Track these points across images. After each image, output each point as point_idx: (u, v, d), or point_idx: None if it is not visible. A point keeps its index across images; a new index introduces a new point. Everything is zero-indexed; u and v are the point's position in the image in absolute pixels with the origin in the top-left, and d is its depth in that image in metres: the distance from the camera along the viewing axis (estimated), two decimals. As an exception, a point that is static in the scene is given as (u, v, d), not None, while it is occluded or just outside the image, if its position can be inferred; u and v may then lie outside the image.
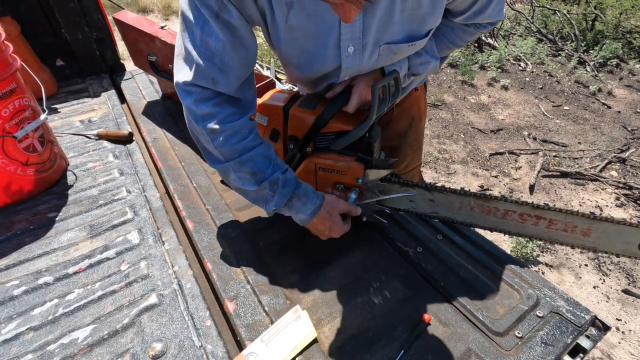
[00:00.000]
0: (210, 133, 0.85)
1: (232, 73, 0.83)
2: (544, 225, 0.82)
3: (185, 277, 0.95)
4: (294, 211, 0.93)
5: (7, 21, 1.66)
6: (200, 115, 0.84)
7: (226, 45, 0.79)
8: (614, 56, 4.90)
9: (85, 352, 0.79)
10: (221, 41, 0.79)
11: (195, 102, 0.83)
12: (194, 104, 0.84)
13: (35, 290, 0.93)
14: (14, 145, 1.16)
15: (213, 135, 0.85)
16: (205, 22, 0.77)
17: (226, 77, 0.82)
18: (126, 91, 1.90)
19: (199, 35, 0.78)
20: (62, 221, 1.14)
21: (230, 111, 0.85)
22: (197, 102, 0.84)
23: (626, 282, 2.28)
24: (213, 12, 0.76)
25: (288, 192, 0.90)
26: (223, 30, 0.78)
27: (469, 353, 0.76)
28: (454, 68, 4.85)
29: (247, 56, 0.84)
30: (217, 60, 0.80)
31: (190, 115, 0.86)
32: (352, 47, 0.86)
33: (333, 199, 0.96)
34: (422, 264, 0.95)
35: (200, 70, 0.81)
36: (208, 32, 0.78)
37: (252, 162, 0.87)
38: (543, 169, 3.16)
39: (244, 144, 0.86)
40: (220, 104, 0.85)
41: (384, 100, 0.91)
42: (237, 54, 0.82)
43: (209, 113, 0.84)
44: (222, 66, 0.81)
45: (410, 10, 0.83)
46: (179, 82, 0.84)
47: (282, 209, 0.93)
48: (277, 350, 0.76)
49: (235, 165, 0.88)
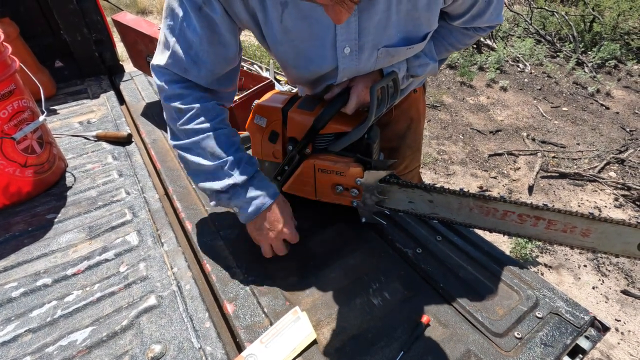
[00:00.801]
0: (177, 112, 0.88)
1: (204, 67, 0.85)
2: (543, 225, 0.82)
3: (185, 278, 0.95)
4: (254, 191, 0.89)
5: (6, 22, 1.66)
6: (170, 94, 0.88)
7: (203, 39, 0.81)
8: (612, 57, 4.91)
9: (84, 354, 0.79)
10: (198, 35, 0.81)
11: (166, 82, 0.87)
12: (165, 83, 0.87)
13: (34, 292, 0.93)
14: (13, 147, 1.16)
15: (179, 113, 0.88)
16: (186, 13, 0.79)
17: (198, 69, 0.85)
18: (125, 92, 1.90)
19: (178, 25, 0.81)
20: (61, 223, 1.14)
21: (199, 95, 0.88)
22: (168, 82, 0.87)
23: (625, 283, 2.28)
24: (196, 5, 0.78)
25: (252, 170, 0.90)
26: (202, 24, 0.80)
27: (468, 354, 0.76)
28: (452, 69, 4.86)
29: (225, 54, 0.86)
30: (192, 53, 0.83)
31: (161, 92, 0.89)
32: (349, 48, 0.86)
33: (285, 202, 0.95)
34: (421, 265, 0.95)
35: (175, 59, 0.84)
36: (187, 23, 0.80)
37: (214, 140, 0.87)
38: (542, 169, 3.17)
39: (208, 125, 0.88)
40: (190, 87, 0.88)
41: (383, 102, 0.92)
42: (213, 50, 0.84)
43: (178, 94, 0.87)
44: (196, 59, 0.84)
45: (405, 12, 0.83)
46: (154, 64, 0.88)
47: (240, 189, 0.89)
48: (276, 351, 0.76)
49: (193, 143, 0.88)
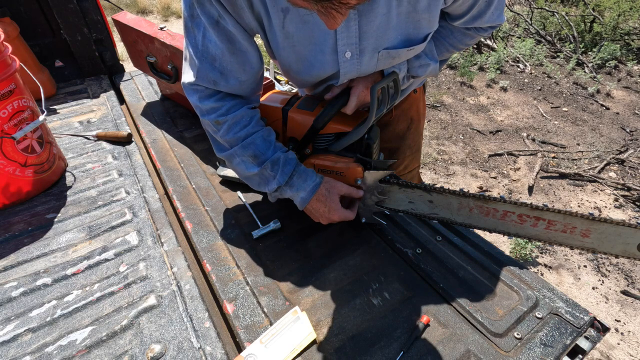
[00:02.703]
0: (215, 124, 0.94)
1: (231, 76, 0.89)
2: (543, 226, 0.82)
3: (184, 278, 0.95)
4: (294, 189, 0.95)
5: (6, 22, 1.66)
6: (205, 109, 0.93)
7: (224, 51, 0.85)
8: (612, 58, 4.91)
9: (83, 354, 0.79)
10: (219, 48, 0.85)
11: (199, 99, 0.92)
12: (198, 100, 0.92)
13: (34, 292, 0.93)
14: (13, 146, 1.16)
15: (217, 125, 0.94)
16: (205, 29, 0.83)
17: (226, 80, 0.89)
18: (125, 92, 1.90)
19: (200, 41, 0.85)
20: (61, 222, 1.14)
21: (231, 104, 0.93)
22: (201, 99, 0.92)
23: (625, 283, 2.28)
24: (213, 20, 0.81)
25: (289, 169, 0.94)
26: (221, 38, 0.84)
27: (468, 354, 0.76)
28: (452, 69, 4.86)
29: (247, 61, 0.89)
30: (218, 65, 0.87)
31: (197, 110, 0.95)
32: (350, 53, 0.87)
33: (332, 180, 0.97)
34: (421, 265, 0.95)
35: (202, 73, 0.88)
36: (208, 38, 0.84)
37: (253, 145, 0.94)
38: (542, 170, 3.17)
39: (246, 131, 0.93)
40: (222, 99, 0.92)
41: (383, 102, 0.92)
42: (236, 59, 0.87)
43: (212, 107, 0.92)
44: (222, 70, 0.88)
45: (406, 14, 0.83)
46: (184, 82, 0.93)
47: (284, 189, 0.96)
48: (276, 351, 0.76)
49: (238, 151, 0.94)
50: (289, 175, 0.94)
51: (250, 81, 0.93)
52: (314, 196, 0.94)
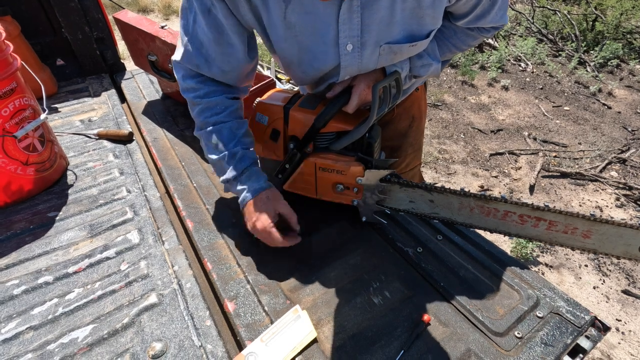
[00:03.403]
0: (191, 104, 0.99)
1: (214, 65, 0.92)
2: (544, 226, 0.82)
3: (185, 276, 0.95)
4: (241, 186, 0.96)
5: (8, 20, 1.66)
6: (185, 87, 0.97)
7: (211, 40, 0.88)
8: (615, 57, 4.90)
9: (85, 352, 0.79)
10: (207, 36, 0.87)
11: (183, 77, 0.96)
12: (182, 78, 0.96)
13: (35, 290, 0.93)
14: (14, 145, 1.16)
15: (192, 106, 0.98)
16: (196, 15, 0.85)
17: (209, 67, 0.92)
18: (126, 91, 1.90)
19: (191, 25, 0.88)
20: (62, 221, 1.14)
21: (210, 89, 0.96)
22: (184, 77, 0.96)
23: (626, 283, 2.28)
24: (205, 7, 0.83)
25: (242, 166, 0.96)
26: (209, 26, 0.86)
27: (468, 353, 0.76)
28: (454, 68, 4.85)
29: (232, 54, 0.91)
30: (204, 51, 0.90)
31: (179, 86, 0.98)
32: (351, 45, 0.86)
33: (279, 195, 0.97)
34: (422, 264, 0.95)
35: (188, 55, 0.91)
36: (198, 24, 0.86)
37: (219, 134, 0.96)
38: (543, 169, 3.16)
39: (215, 118, 0.96)
40: (203, 82, 0.95)
41: (385, 101, 0.91)
42: (221, 50, 0.89)
43: (192, 87, 0.96)
44: (207, 57, 0.91)
45: (410, 9, 0.83)
46: (173, 59, 0.97)
47: (232, 183, 0.98)
48: (276, 350, 0.76)
49: (204, 134, 0.98)
50: (239, 172, 0.96)
51: (234, 73, 0.95)
52: (253, 199, 0.94)
